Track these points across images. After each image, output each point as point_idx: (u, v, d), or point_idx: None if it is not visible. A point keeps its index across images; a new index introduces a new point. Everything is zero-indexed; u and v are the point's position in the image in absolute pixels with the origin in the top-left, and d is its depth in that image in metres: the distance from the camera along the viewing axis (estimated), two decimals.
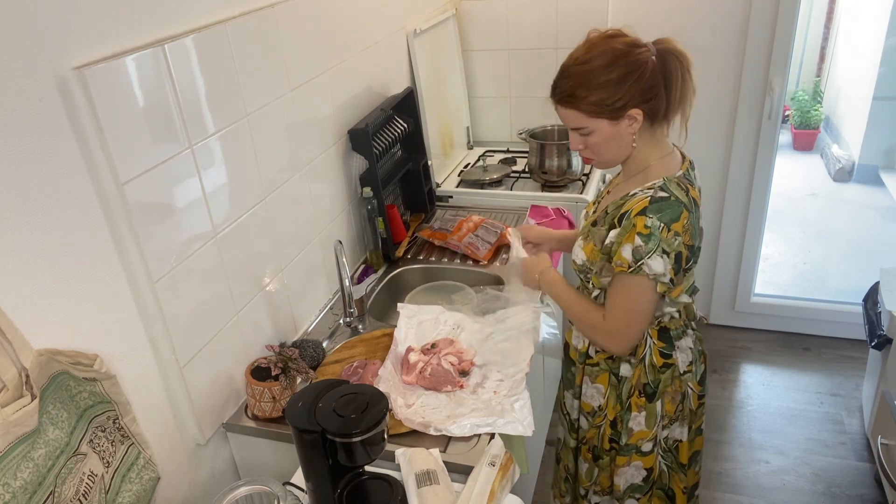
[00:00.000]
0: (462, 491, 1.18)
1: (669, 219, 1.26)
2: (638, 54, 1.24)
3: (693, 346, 1.47)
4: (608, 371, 1.48)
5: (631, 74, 1.24)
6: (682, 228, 1.27)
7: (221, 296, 1.42)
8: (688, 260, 1.31)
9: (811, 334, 2.98)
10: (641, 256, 1.26)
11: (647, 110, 1.27)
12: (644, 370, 1.44)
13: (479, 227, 2.12)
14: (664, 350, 1.43)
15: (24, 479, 0.96)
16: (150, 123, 1.19)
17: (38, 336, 1.02)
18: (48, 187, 1.03)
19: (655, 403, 1.46)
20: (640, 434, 1.49)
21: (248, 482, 1.14)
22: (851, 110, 4.65)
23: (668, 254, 1.26)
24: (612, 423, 1.51)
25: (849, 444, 2.40)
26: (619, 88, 1.24)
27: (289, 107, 1.60)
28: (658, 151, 1.35)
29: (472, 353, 1.58)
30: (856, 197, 4.36)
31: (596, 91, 1.25)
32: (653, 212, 1.26)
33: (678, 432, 1.52)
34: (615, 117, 1.27)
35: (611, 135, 1.29)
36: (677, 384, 1.46)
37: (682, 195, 1.29)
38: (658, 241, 1.25)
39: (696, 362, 1.49)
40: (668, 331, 1.42)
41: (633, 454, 1.51)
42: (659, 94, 1.27)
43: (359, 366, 1.55)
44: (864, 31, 4.48)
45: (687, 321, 1.46)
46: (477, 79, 2.82)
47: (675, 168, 1.34)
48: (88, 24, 1.07)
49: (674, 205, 1.27)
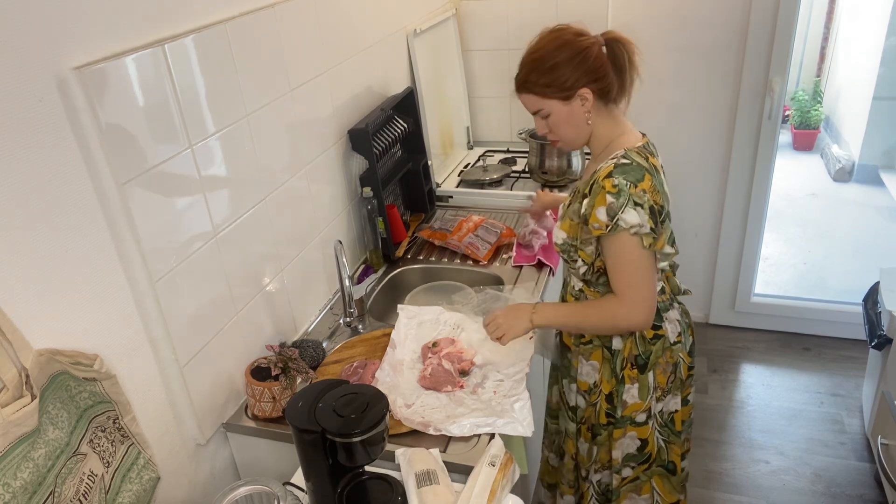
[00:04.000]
0: (462, 491, 1.18)
1: (634, 178, 1.34)
2: (581, 40, 1.38)
3: (680, 318, 1.54)
4: (601, 346, 1.52)
5: (576, 56, 1.36)
6: (648, 188, 1.34)
7: (221, 296, 1.42)
8: (660, 213, 1.36)
9: (811, 334, 2.98)
10: (616, 212, 1.32)
11: (596, 90, 1.38)
12: (635, 342, 1.49)
13: (479, 227, 2.12)
14: (654, 322, 1.46)
15: (24, 479, 0.96)
16: (150, 123, 1.19)
17: (38, 336, 1.02)
18: (48, 187, 1.03)
19: (647, 375, 1.51)
20: (633, 406, 1.53)
21: (248, 482, 1.14)
22: (851, 110, 4.65)
23: (641, 205, 1.32)
24: (608, 396, 1.54)
25: (849, 444, 2.40)
26: (566, 69, 1.36)
27: (289, 107, 1.60)
28: (617, 129, 1.44)
29: (472, 353, 1.58)
30: (856, 197, 4.36)
31: (546, 74, 1.38)
32: (618, 174, 1.34)
33: (672, 404, 1.57)
34: (566, 97, 1.39)
35: (566, 114, 1.41)
36: (668, 355, 1.51)
37: (643, 161, 1.38)
38: (628, 196, 1.32)
39: (685, 333, 1.55)
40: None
41: (628, 425, 1.55)
42: (607, 75, 1.38)
43: (359, 366, 1.55)
44: (864, 31, 4.48)
45: (672, 295, 1.52)
46: (477, 79, 2.82)
47: (634, 142, 1.43)
48: (88, 23, 1.07)
49: (636, 168, 1.36)
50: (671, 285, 1.52)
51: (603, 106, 1.41)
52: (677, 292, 1.54)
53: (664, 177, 1.45)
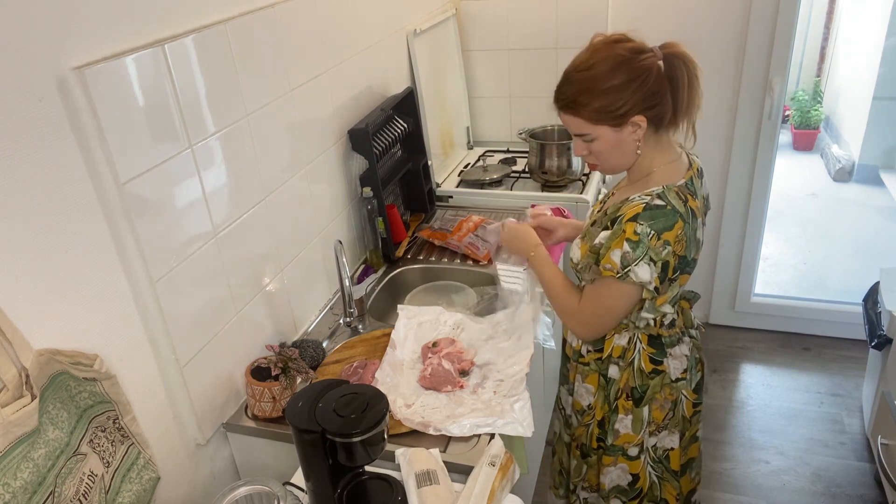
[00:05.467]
0: (462, 491, 1.18)
1: (662, 227, 1.24)
2: (641, 60, 1.23)
3: (689, 354, 1.45)
4: (598, 372, 1.48)
5: (634, 81, 1.22)
6: (674, 238, 1.25)
7: (221, 296, 1.42)
8: (674, 270, 1.29)
9: (811, 334, 2.98)
10: (629, 263, 1.25)
11: (650, 117, 1.26)
12: (633, 374, 1.43)
13: (479, 227, 2.12)
14: (654, 356, 1.42)
15: (24, 480, 0.96)
16: (150, 123, 1.19)
17: (38, 336, 1.02)
18: (48, 187, 1.03)
19: (642, 409, 1.45)
20: (625, 437, 1.48)
21: (248, 482, 1.14)
22: (851, 110, 4.65)
23: (655, 262, 1.25)
24: (601, 422, 1.51)
25: (849, 444, 2.40)
26: (621, 95, 1.23)
27: (289, 107, 1.60)
28: (662, 157, 1.33)
29: (472, 353, 1.58)
30: (856, 197, 4.36)
31: (598, 98, 1.24)
32: (644, 219, 1.25)
33: (668, 441, 1.50)
34: (618, 124, 1.26)
35: (614, 142, 1.29)
36: (667, 391, 1.44)
37: (680, 205, 1.27)
38: (646, 249, 1.24)
39: (692, 370, 1.47)
40: (660, 338, 1.41)
41: (619, 456, 1.50)
42: (663, 101, 1.25)
43: (359, 366, 1.55)
44: (864, 31, 4.48)
45: (684, 328, 1.45)
46: (477, 79, 2.82)
47: (678, 176, 1.32)
48: (88, 24, 1.07)
49: (668, 214, 1.25)
50: (684, 317, 1.45)
51: (653, 132, 1.29)
52: (690, 325, 1.48)
53: (702, 219, 1.36)
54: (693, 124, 1.32)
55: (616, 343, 1.43)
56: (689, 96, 1.27)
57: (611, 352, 1.44)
